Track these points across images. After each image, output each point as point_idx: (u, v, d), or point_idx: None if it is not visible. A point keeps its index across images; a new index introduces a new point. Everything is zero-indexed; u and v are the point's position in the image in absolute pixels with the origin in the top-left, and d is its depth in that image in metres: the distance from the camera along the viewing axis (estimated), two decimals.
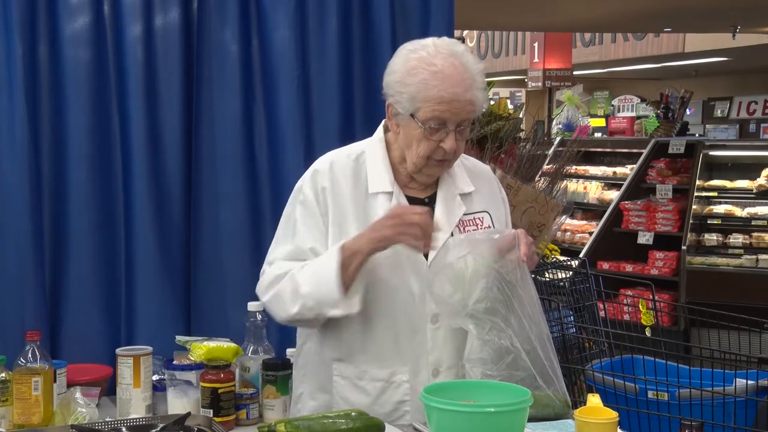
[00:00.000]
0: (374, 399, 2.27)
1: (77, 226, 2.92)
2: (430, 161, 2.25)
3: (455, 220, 2.31)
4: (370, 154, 2.34)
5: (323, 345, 2.33)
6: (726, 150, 7.14)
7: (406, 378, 2.25)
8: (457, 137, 2.22)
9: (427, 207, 2.27)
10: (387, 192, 2.29)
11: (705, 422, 2.24)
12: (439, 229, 2.21)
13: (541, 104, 15.17)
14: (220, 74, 3.05)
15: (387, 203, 2.27)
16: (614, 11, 9.85)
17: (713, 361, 3.48)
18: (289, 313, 2.24)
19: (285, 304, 2.24)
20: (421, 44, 2.24)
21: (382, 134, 2.36)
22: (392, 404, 2.26)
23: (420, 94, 2.19)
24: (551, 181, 3.98)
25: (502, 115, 3.89)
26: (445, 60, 2.19)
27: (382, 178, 2.30)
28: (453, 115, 2.19)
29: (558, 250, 4.64)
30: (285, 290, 2.23)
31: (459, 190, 2.35)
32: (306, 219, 2.30)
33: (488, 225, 2.35)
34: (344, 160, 2.33)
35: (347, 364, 2.30)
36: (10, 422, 2.32)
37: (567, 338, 3.79)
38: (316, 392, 2.36)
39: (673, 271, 6.52)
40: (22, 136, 2.80)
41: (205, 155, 3.05)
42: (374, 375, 2.27)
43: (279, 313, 2.28)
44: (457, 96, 2.18)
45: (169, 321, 2.97)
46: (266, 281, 2.30)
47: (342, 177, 2.30)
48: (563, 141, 7.23)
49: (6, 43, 2.81)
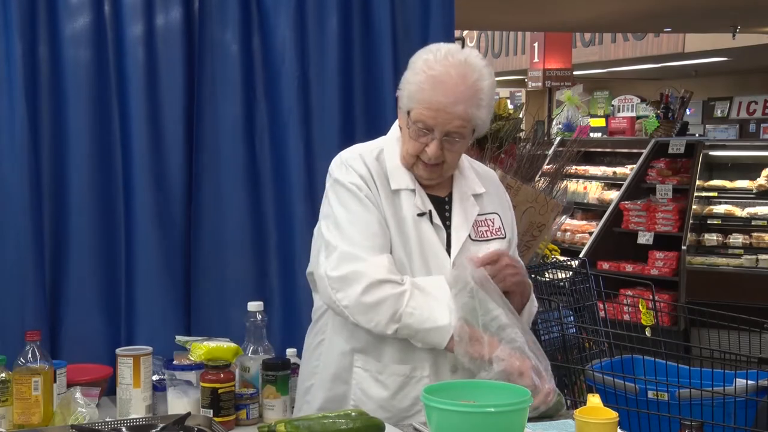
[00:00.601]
0: (393, 393, 2.27)
1: (77, 226, 2.92)
2: (418, 161, 2.28)
3: (472, 219, 2.34)
4: (388, 151, 2.35)
5: (344, 336, 2.32)
6: (726, 150, 7.14)
7: (427, 373, 2.26)
8: (446, 146, 2.23)
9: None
10: (410, 189, 2.31)
11: (705, 422, 2.24)
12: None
13: (541, 104, 15.16)
14: (221, 74, 3.05)
15: (411, 199, 2.29)
16: (614, 11, 9.84)
17: (713, 361, 3.48)
18: (383, 331, 2.19)
19: (382, 317, 2.18)
20: (437, 47, 2.25)
21: (399, 133, 2.36)
22: (411, 399, 2.27)
23: (415, 95, 2.22)
24: (551, 181, 3.98)
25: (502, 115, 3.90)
26: (446, 68, 2.19)
27: (402, 175, 2.32)
28: (439, 123, 2.20)
29: (558, 250, 4.64)
30: (387, 307, 2.17)
31: (472, 191, 2.38)
32: (365, 199, 2.25)
33: (499, 227, 2.39)
34: (368, 156, 2.33)
35: (369, 357, 2.30)
36: (10, 422, 2.32)
37: (567, 338, 3.79)
38: (330, 383, 2.35)
39: (673, 271, 6.52)
40: (22, 136, 2.80)
41: (206, 155, 3.05)
42: (395, 370, 2.28)
43: (370, 321, 2.20)
44: (444, 106, 2.18)
45: (169, 321, 2.97)
46: (369, 278, 2.17)
47: (373, 171, 2.30)
48: (563, 141, 7.23)
49: (6, 43, 2.81)
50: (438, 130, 2.20)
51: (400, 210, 2.28)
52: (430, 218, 2.29)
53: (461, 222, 2.32)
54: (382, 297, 2.17)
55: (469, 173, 2.41)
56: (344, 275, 2.20)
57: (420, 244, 2.27)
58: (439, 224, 2.30)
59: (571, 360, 3.82)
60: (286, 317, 3.08)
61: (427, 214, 2.29)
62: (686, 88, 7.80)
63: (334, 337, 2.36)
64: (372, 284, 2.18)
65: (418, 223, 2.28)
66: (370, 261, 2.20)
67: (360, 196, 2.26)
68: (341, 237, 2.24)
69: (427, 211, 2.29)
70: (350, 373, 2.32)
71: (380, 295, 2.17)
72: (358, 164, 2.30)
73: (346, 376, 2.33)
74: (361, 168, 2.29)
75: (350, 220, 2.25)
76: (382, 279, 2.18)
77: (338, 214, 2.27)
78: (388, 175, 2.31)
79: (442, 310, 2.16)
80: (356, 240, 2.22)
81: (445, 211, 2.34)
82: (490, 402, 1.88)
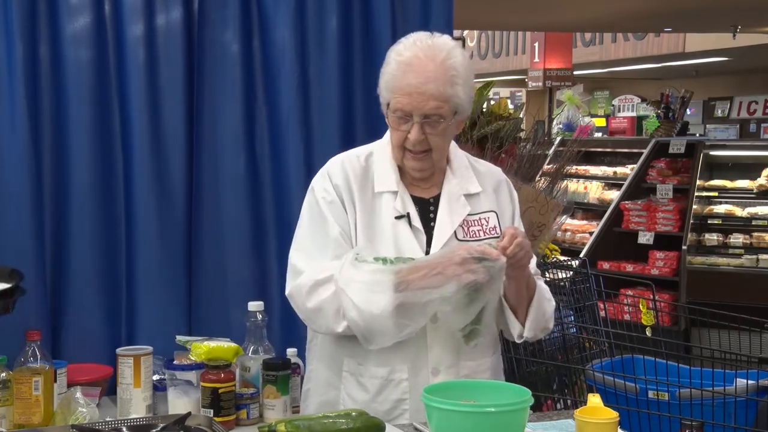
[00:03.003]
0: (373, 396, 2.28)
1: (78, 225, 2.92)
2: (406, 153, 2.28)
3: (458, 219, 2.32)
4: (378, 154, 2.37)
5: (333, 339, 2.33)
6: (726, 150, 7.14)
7: (405, 376, 2.26)
8: (428, 130, 2.23)
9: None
10: (392, 191, 2.31)
11: (705, 422, 2.24)
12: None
13: (541, 104, 15.15)
14: (221, 74, 3.05)
15: (392, 202, 2.30)
16: (615, 11, 9.85)
17: (714, 361, 3.48)
18: (334, 330, 2.23)
19: (327, 319, 2.22)
20: (407, 37, 2.28)
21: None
22: (391, 402, 2.27)
23: (390, 84, 2.24)
24: (551, 181, 3.99)
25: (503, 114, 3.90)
26: (414, 52, 2.22)
27: (388, 177, 2.32)
28: (415, 107, 2.20)
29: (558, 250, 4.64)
30: (328, 308, 2.21)
31: (464, 191, 2.36)
32: (331, 209, 2.29)
33: (494, 225, 2.36)
34: (354, 161, 2.35)
35: (353, 360, 2.31)
36: (10, 422, 2.32)
37: (567, 338, 3.80)
38: (323, 387, 2.36)
39: (673, 271, 6.52)
40: (23, 136, 2.80)
41: (206, 155, 3.05)
42: (374, 372, 2.28)
43: (320, 325, 2.27)
44: (418, 88, 2.19)
45: (170, 321, 2.97)
46: (306, 285, 2.25)
47: (352, 176, 2.32)
48: (563, 141, 7.23)
49: (7, 43, 2.81)
50: (415, 114, 2.21)
51: (380, 213, 2.29)
52: (408, 221, 2.29)
53: (445, 223, 2.30)
54: (321, 300, 2.21)
55: (465, 172, 2.38)
56: (290, 292, 2.30)
57: (396, 247, 2.26)
58: (418, 227, 2.29)
59: (572, 360, 3.82)
60: (287, 317, 3.07)
61: (405, 216, 2.29)
62: (687, 87, 7.80)
63: (325, 340, 2.37)
64: (309, 291, 2.23)
65: (395, 226, 2.28)
66: (308, 271, 2.25)
67: (324, 205, 2.29)
68: (295, 249, 2.34)
69: (405, 213, 2.29)
70: (340, 378, 2.33)
71: (319, 299, 2.22)
72: (335, 171, 2.33)
73: (336, 381, 2.34)
74: (337, 175, 2.31)
75: (308, 230, 2.32)
76: (317, 281, 2.21)
77: (301, 222, 2.36)
78: (374, 177, 2.32)
79: (378, 298, 2.14)
80: (307, 251, 2.30)
81: (430, 213, 2.34)
82: (490, 402, 1.88)
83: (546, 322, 2.37)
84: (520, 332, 2.31)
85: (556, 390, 3.83)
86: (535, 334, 2.35)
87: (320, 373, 2.39)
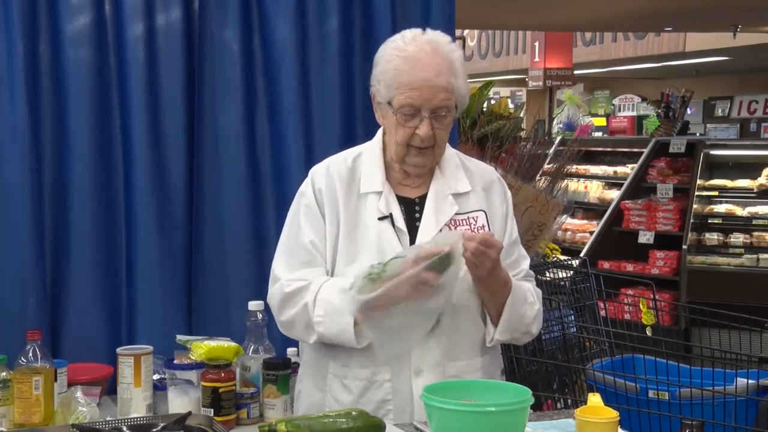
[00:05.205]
0: (357, 398, 2.28)
1: (78, 225, 2.92)
2: (410, 149, 2.28)
3: (444, 218, 2.31)
4: (366, 155, 2.37)
5: (319, 345, 2.33)
6: (727, 149, 7.15)
7: (388, 377, 2.26)
8: (435, 124, 2.24)
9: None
10: (377, 192, 2.31)
11: (706, 422, 2.23)
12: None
13: (541, 104, 15.14)
14: (222, 73, 3.05)
15: (376, 203, 2.30)
16: (615, 11, 9.84)
17: (714, 361, 3.48)
18: (306, 341, 2.31)
19: (299, 332, 2.30)
20: (401, 34, 2.29)
21: (381, 135, 2.38)
22: (375, 403, 2.26)
23: (394, 81, 2.23)
24: (552, 180, 4.00)
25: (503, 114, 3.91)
26: (417, 46, 2.23)
27: (374, 178, 2.32)
28: (425, 101, 2.21)
29: (558, 249, 4.65)
30: (299, 321, 2.27)
31: (452, 190, 2.34)
32: (307, 216, 2.33)
33: (483, 224, 2.34)
34: (341, 163, 2.37)
35: (338, 363, 2.31)
36: (10, 421, 2.32)
37: (567, 337, 3.80)
38: (311, 389, 2.37)
39: (673, 270, 6.53)
40: (23, 136, 2.80)
41: (207, 154, 3.05)
42: (358, 374, 2.28)
43: (295, 336, 2.35)
44: (428, 81, 2.20)
45: (170, 320, 2.97)
46: (277, 299, 2.31)
47: (337, 179, 2.33)
48: (564, 140, 7.23)
49: (7, 42, 2.81)
50: (425, 108, 2.22)
51: (364, 214, 2.29)
52: (392, 221, 2.28)
53: (430, 223, 2.29)
54: (292, 314, 2.27)
55: (454, 171, 2.37)
56: (268, 300, 2.37)
57: (379, 247, 2.25)
58: (401, 227, 2.28)
59: (572, 359, 3.82)
60: None
61: (388, 217, 2.28)
62: (687, 87, 7.81)
63: (311, 344, 2.36)
64: (280, 305, 2.30)
65: (378, 227, 2.28)
66: (282, 281, 2.30)
67: (301, 211, 2.33)
68: (276, 253, 2.38)
69: (388, 214, 2.28)
70: (325, 381, 2.33)
71: (290, 313, 2.27)
72: (319, 174, 2.35)
73: (322, 384, 2.34)
74: (321, 178, 2.33)
75: (286, 236, 2.38)
76: (287, 294, 2.27)
77: (284, 227, 2.40)
78: (361, 178, 2.32)
79: (342, 315, 2.18)
80: (282, 257, 2.35)
81: (416, 212, 2.33)
82: (491, 402, 1.88)
83: (526, 326, 2.32)
84: (492, 335, 2.29)
85: (556, 389, 3.83)
86: (512, 338, 2.33)
87: (308, 375, 2.40)
